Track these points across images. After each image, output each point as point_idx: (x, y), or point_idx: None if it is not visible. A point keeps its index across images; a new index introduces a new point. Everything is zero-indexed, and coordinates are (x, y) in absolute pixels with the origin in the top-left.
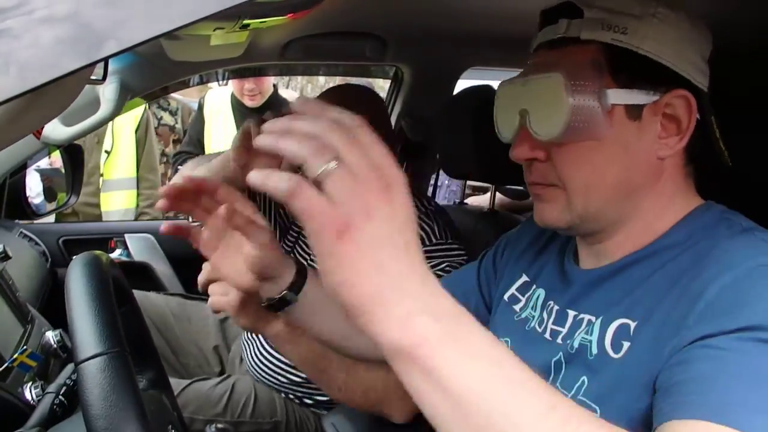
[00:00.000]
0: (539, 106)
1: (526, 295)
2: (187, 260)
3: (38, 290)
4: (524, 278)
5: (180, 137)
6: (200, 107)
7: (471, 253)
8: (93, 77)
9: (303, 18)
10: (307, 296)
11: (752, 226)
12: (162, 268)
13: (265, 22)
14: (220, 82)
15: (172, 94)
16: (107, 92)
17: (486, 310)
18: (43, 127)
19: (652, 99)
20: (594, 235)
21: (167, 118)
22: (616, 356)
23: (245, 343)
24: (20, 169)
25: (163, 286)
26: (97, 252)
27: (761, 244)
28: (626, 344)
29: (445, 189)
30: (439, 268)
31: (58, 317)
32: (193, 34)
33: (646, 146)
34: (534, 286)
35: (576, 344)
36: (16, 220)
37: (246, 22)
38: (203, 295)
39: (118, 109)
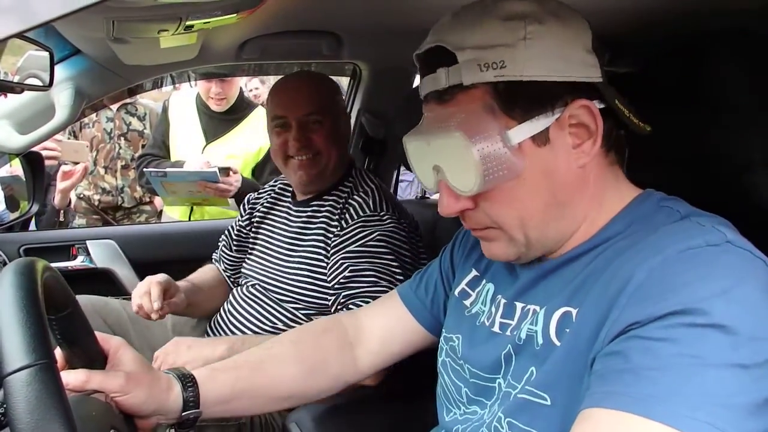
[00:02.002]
0: (451, 164)
1: (476, 290)
2: (149, 264)
3: None
4: (474, 273)
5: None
6: (165, 110)
7: (432, 244)
8: (39, 84)
9: (257, 18)
10: (211, 396)
11: (690, 212)
12: (125, 273)
13: (209, 22)
14: (176, 85)
15: (141, 100)
16: (62, 98)
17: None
18: None
19: (553, 119)
20: (547, 252)
21: (136, 124)
22: (559, 344)
23: None
24: None
25: (126, 291)
26: (31, 258)
27: (694, 228)
28: (568, 331)
29: (417, 184)
30: (371, 237)
31: None
32: (142, 38)
33: (564, 163)
34: (483, 281)
35: (523, 335)
36: None
37: (189, 23)
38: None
39: (74, 115)
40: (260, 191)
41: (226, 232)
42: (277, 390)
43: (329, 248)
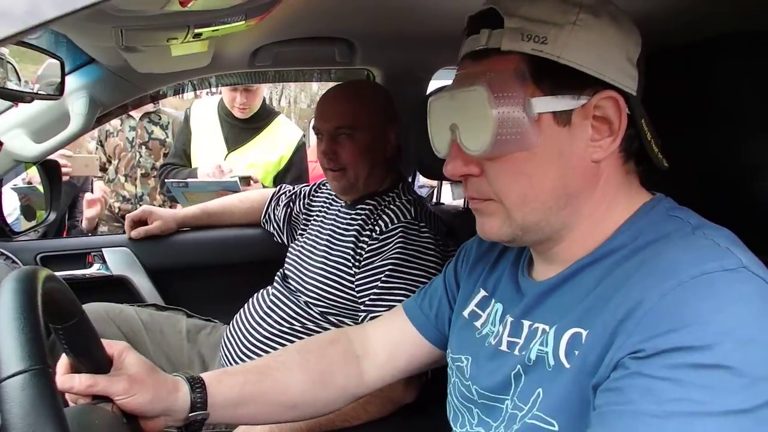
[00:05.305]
0: (467, 121)
1: (486, 311)
2: (164, 272)
3: None
4: (483, 293)
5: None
6: (186, 119)
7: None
8: (51, 93)
9: (269, 25)
10: (219, 398)
11: (701, 223)
12: (140, 281)
13: (217, 30)
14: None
15: (164, 108)
16: (76, 107)
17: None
18: None
19: (579, 103)
20: (540, 243)
21: (158, 132)
22: (568, 366)
23: (225, 359)
24: None
25: (141, 298)
26: (33, 267)
27: (709, 247)
28: (577, 353)
29: (428, 189)
30: (408, 249)
31: None
32: (152, 46)
33: (579, 151)
34: (493, 301)
35: (533, 356)
36: None
37: (198, 30)
38: (175, 306)
39: (88, 124)
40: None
41: (286, 194)
42: (283, 397)
43: (358, 254)
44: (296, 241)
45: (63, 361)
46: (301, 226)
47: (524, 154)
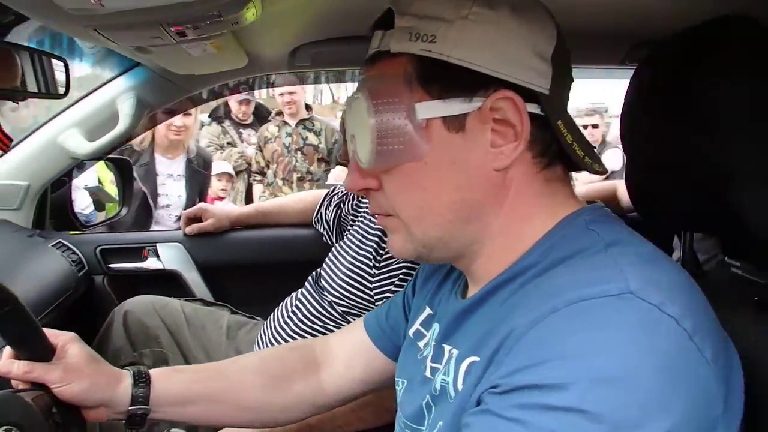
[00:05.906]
0: (356, 131)
1: (430, 331)
2: (214, 268)
3: (51, 298)
4: (428, 311)
5: (323, 156)
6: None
7: None
8: (55, 92)
9: (306, 24)
10: (164, 395)
11: (616, 240)
12: (191, 276)
13: (199, 29)
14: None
15: (316, 116)
16: (125, 108)
17: None
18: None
19: (472, 106)
20: (456, 261)
21: (312, 138)
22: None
23: None
24: (61, 184)
25: (191, 293)
26: None
27: (603, 269)
28: (469, 384)
29: None
30: None
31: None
32: (152, 47)
33: (477, 159)
34: (434, 320)
35: (438, 385)
36: (64, 232)
37: (178, 29)
38: (221, 303)
39: (135, 123)
40: None
41: (338, 195)
42: (236, 397)
43: (379, 255)
44: (338, 242)
45: (6, 351)
46: (348, 227)
47: (415, 165)
